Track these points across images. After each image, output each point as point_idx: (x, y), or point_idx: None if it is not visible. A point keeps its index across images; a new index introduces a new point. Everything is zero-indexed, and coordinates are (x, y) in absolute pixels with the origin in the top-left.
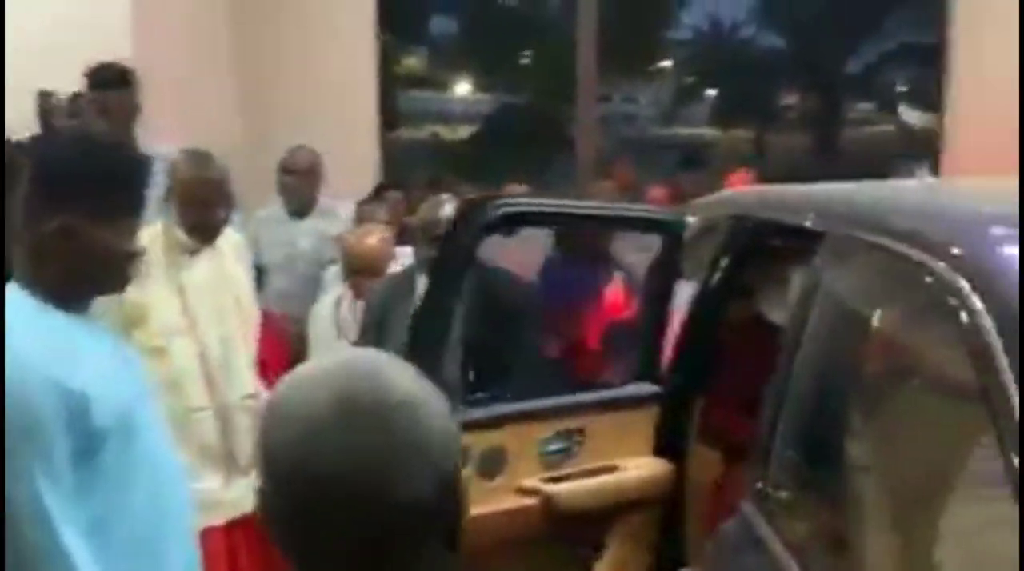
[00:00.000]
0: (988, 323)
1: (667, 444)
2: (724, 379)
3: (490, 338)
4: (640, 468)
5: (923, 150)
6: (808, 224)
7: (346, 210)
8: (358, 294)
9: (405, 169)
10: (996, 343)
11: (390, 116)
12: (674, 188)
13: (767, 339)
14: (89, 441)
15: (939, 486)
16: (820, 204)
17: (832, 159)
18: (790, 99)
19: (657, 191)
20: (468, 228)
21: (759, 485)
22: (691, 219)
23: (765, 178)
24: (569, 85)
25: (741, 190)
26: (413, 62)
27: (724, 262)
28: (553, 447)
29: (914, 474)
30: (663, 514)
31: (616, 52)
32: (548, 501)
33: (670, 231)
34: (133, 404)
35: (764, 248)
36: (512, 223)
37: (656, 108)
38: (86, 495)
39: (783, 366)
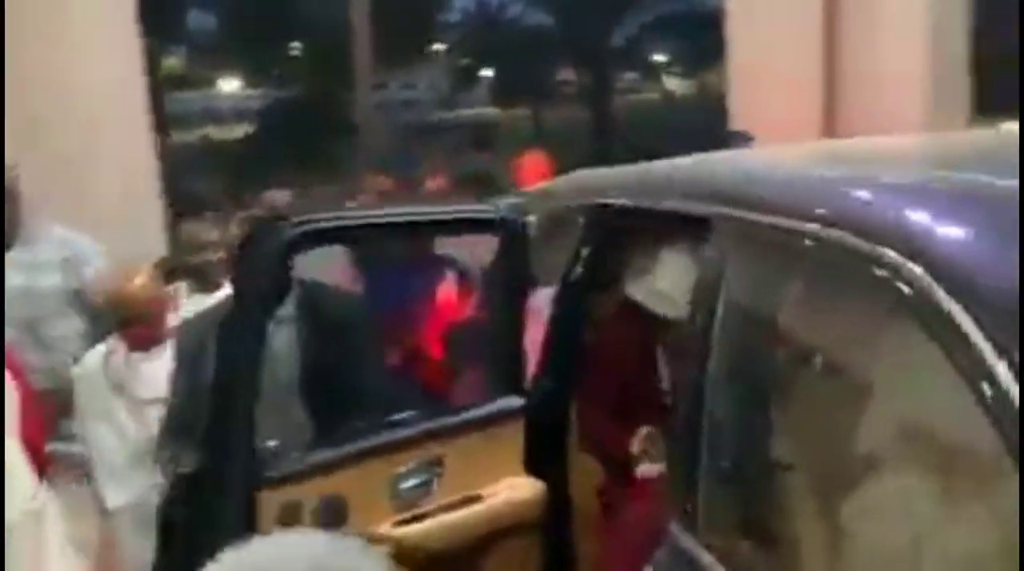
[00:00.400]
0: (955, 306)
1: (539, 460)
2: (597, 380)
3: (330, 366)
4: (509, 493)
5: (705, 116)
6: (685, 209)
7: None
8: (134, 345)
9: (180, 175)
10: (971, 328)
11: (158, 120)
12: (457, 172)
13: (641, 332)
14: None
15: (877, 486)
16: (695, 185)
17: (608, 127)
18: (563, 75)
19: (435, 181)
20: (260, 254)
21: (687, 507)
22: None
23: (553, 155)
24: (344, 74)
25: (587, 175)
26: (173, 62)
27: (585, 255)
28: (407, 484)
29: (854, 471)
30: (544, 537)
31: (390, 38)
32: (401, 547)
33: (508, 229)
34: None
35: (630, 237)
36: (312, 244)
37: (435, 92)
38: None
39: (692, 374)
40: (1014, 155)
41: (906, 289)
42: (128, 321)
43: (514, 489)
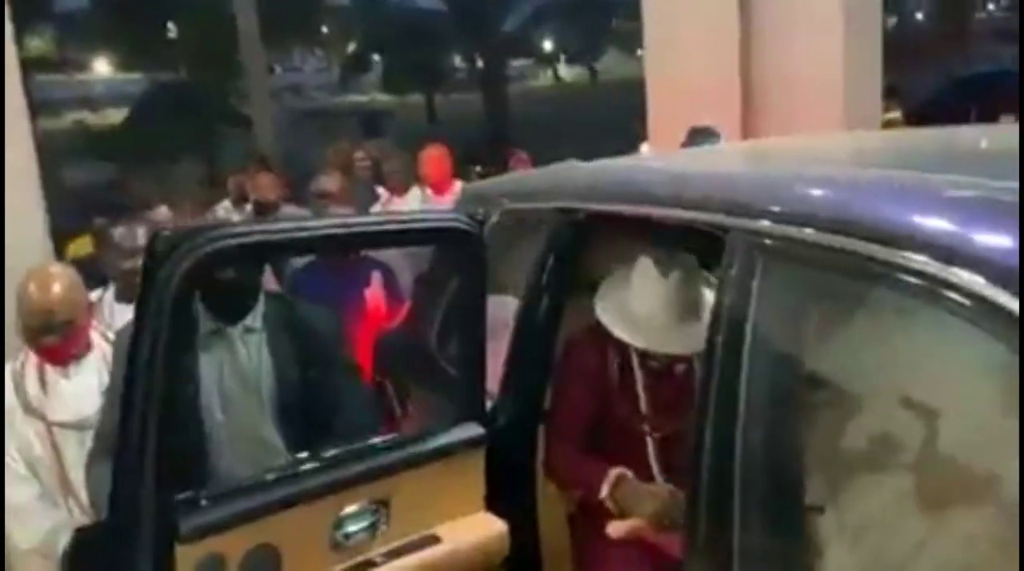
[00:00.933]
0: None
1: (503, 496)
2: (566, 405)
3: (302, 387)
4: (465, 533)
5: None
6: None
7: None
8: (50, 360)
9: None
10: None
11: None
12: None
13: (615, 353)
14: None
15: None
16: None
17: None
18: (456, 61)
19: (328, 182)
20: (163, 277)
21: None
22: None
23: (448, 143)
24: (227, 59)
25: (555, 175)
26: (39, 43)
27: (554, 264)
28: (349, 528)
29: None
30: None
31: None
32: None
33: (468, 238)
34: None
35: (608, 245)
36: (228, 262)
37: (325, 77)
38: None
39: (712, 403)
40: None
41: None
42: (42, 332)
43: (475, 528)
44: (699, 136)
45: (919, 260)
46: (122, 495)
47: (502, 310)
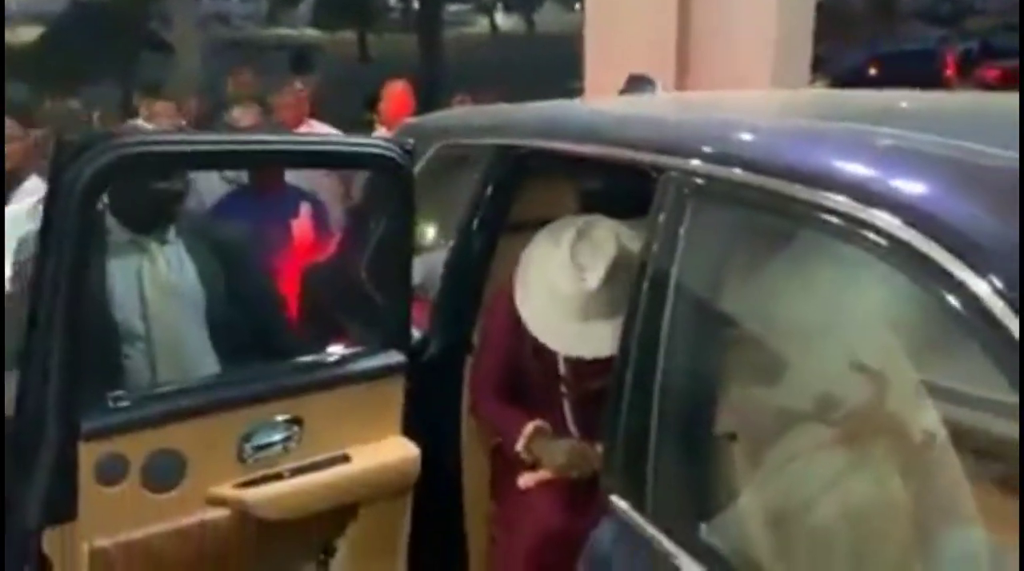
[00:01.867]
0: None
1: (420, 426)
2: (492, 346)
3: (225, 300)
4: (376, 454)
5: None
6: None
7: None
8: None
9: None
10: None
11: None
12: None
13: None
14: None
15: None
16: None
17: (436, 58)
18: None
19: (242, 115)
20: (71, 180)
21: (634, 481)
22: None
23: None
24: None
25: (494, 113)
26: None
27: (488, 199)
28: (259, 442)
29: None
30: (418, 506)
31: None
32: (243, 510)
33: (396, 168)
34: None
35: (545, 182)
36: (139, 170)
37: (253, 7)
38: None
39: (638, 341)
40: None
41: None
42: None
43: (387, 451)
44: (636, 83)
45: (839, 201)
46: (29, 394)
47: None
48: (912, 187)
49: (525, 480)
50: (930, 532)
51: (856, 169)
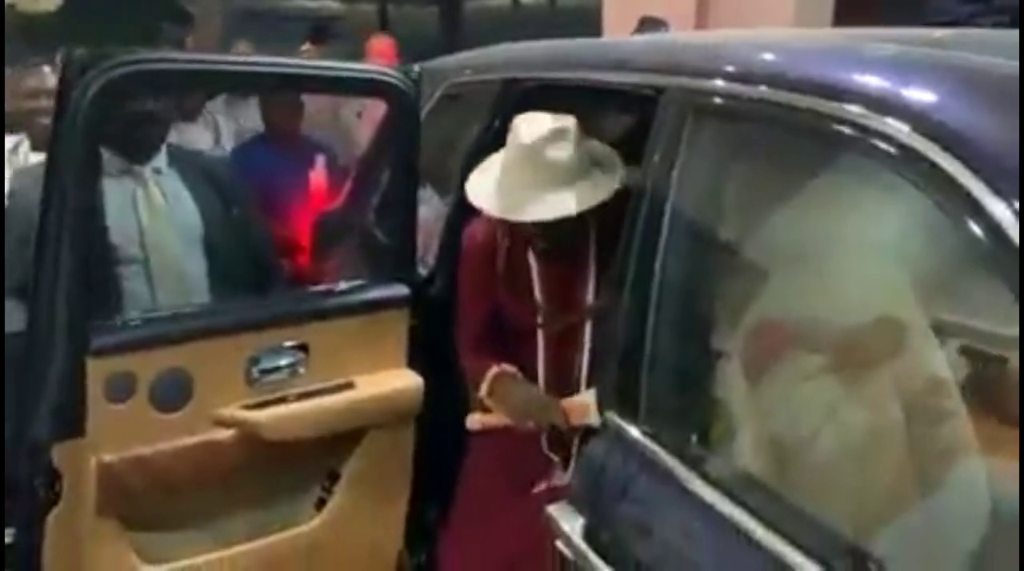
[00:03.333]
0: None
1: (423, 357)
2: (463, 288)
3: (216, 230)
4: (380, 383)
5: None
6: (641, 80)
7: None
8: None
9: None
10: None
11: None
12: None
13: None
14: None
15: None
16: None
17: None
18: None
19: None
20: (84, 96)
21: (627, 394)
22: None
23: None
24: None
25: (501, 51)
26: None
27: (493, 135)
28: (266, 365)
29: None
30: (421, 435)
31: None
32: (249, 432)
33: (400, 95)
34: None
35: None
36: (150, 85)
37: None
38: None
39: (636, 255)
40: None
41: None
42: None
43: (390, 380)
44: (648, 24)
45: (852, 110)
46: (39, 312)
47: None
48: (922, 95)
49: (472, 421)
50: (930, 466)
51: (865, 78)
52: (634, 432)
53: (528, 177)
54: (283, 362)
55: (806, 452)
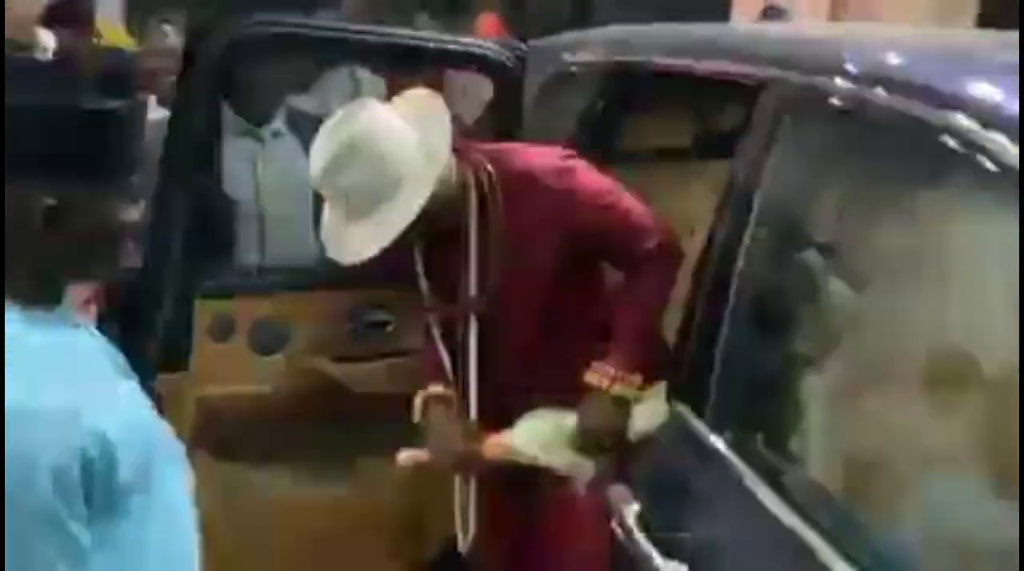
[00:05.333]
0: None
1: None
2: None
3: None
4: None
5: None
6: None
7: None
8: None
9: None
10: None
11: None
12: None
13: None
14: (108, 500)
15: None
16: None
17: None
18: None
19: None
20: (202, 56)
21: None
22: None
23: (516, 23)
24: None
25: (612, 32)
26: None
27: (600, 117)
28: (359, 323)
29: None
30: None
31: None
32: (338, 383)
33: (504, 70)
34: (152, 440)
35: (664, 110)
36: (279, 48)
37: None
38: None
39: (721, 255)
40: None
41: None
42: None
43: None
44: (771, 13)
45: (959, 122)
46: (154, 253)
47: None
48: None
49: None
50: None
51: (975, 89)
52: (700, 427)
53: (333, 211)
54: (375, 320)
55: (888, 474)
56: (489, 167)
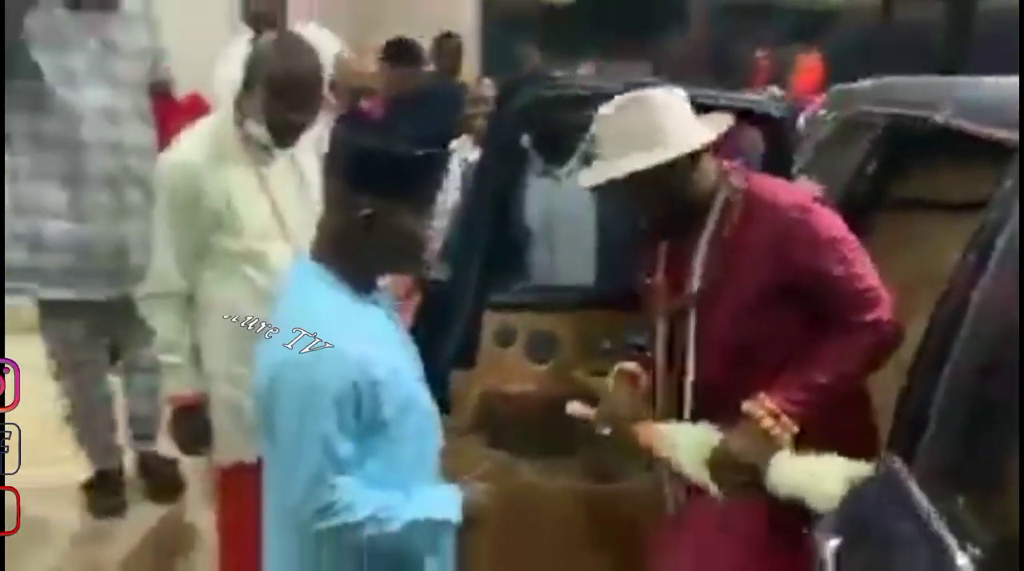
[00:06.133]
0: None
1: None
2: None
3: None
4: None
5: None
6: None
7: None
8: None
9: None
10: None
11: None
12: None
13: None
14: (370, 427)
15: None
16: None
17: (964, 35)
18: None
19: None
20: (505, 109)
21: (912, 443)
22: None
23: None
24: None
25: (900, 83)
26: None
27: (871, 170)
28: (613, 343)
29: None
30: None
31: None
32: (589, 394)
33: (773, 122)
34: (412, 389)
35: (946, 165)
36: (557, 107)
37: None
38: (359, 463)
39: (950, 310)
40: None
41: None
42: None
43: None
44: None
45: None
46: (457, 272)
47: None
48: None
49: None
50: None
51: None
52: (909, 481)
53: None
54: (633, 343)
55: None
56: (742, 183)
